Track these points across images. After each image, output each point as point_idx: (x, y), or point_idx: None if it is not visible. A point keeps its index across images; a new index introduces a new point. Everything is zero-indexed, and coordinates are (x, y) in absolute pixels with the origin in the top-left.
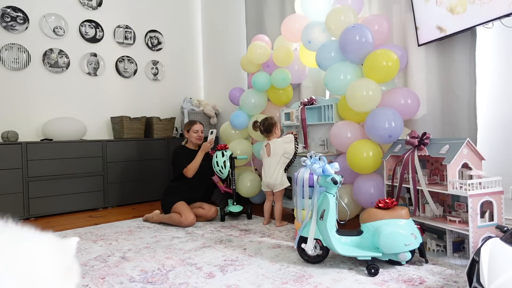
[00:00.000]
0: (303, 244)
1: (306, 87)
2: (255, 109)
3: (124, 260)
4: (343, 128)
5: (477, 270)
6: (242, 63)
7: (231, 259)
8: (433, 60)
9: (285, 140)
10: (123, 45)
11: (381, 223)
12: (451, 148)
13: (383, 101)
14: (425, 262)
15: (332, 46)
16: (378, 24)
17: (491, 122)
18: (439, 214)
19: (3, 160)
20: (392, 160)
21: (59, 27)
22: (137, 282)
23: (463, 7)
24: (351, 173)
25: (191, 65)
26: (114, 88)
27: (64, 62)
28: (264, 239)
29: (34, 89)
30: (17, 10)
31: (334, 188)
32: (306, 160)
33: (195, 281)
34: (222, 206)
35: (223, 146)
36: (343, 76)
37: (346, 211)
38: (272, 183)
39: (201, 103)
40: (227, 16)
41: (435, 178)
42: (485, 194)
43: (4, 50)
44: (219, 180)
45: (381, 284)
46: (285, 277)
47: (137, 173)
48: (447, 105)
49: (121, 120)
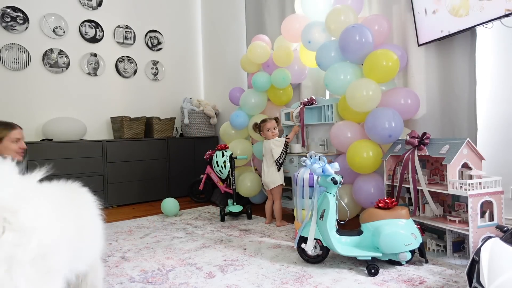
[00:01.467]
0: (303, 244)
1: (306, 87)
2: (255, 109)
3: (124, 260)
4: (343, 128)
5: (477, 270)
6: (242, 63)
7: (231, 259)
8: (433, 60)
9: (275, 143)
10: (123, 45)
11: (381, 223)
12: (451, 148)
13: (383, 101)
14: (425, 262)
15: (332, 46)
16: (378, 24)
17: (491, 122)
18: (439, 214)
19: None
20: (392, 160)
21: (59, 27)
22: (137, 282)
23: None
24: (351, 173)
25: (191, 65)
26: (114, 88)
27: (64, 62)
28: (264, 239)
29: (34, 89)
30: (17, 10)
31: (334, 188)
32: (306, 160)
33: (195, 281)
34: (222, 206)
35: (223, 146)
36: (343, 76)
37: (346, 211)
38: (266, 181)
39: (201, 103)
40: (227, 16)
41: (435, 178)
42: (485, 194)
43: (4, 50)
44: (219, 180)
45: (381, 284)
46: (285, 277)
47: (137, 173)
48: (447, 105)
49: (121, 120)
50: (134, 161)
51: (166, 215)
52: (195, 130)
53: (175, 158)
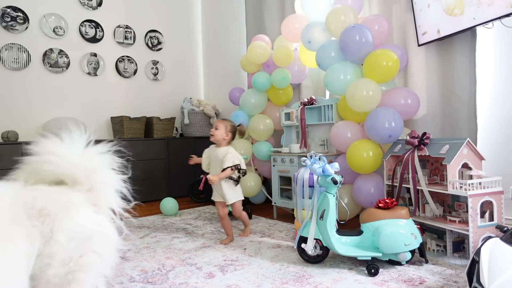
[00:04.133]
0: (303, 244)
1: (306, 87)
2: (255, 109)
3: (124, 260)
4: (343, 128)
5: (477, 270)
6: (242, 63)
7: (231, 259)
8: (433, 60)
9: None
10: (123, 45)
11: (381, 223)
12: (451, 148)
13: (383, 101)
14: (425, 262)
15: (332, 46)
16: (378, 24)
17: (491, 122)
18: (439, 214)
19: (3, 160)
20: (392, 160)
21: (59, 27)
22: (137, 282)
23: (461, 9)
24: (351, 173)
25: (191, 65)
26: (114, 88)
27: (64, 62)
28: (264, 239)
29: (34, 89)
30: (17, 10)
31: (334, 188)
32: (306, 160)
33: (195, 281)
34: None
35: None
36: (343, 76)
37: (346, 211)
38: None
39: (201, 103)
40: (227, 16)
41: (435, 178)
42: (485, 194)
43: (4, 50)
44: None
45: (381, 284)
46: (285, 277)
47: (137, 173)
48: (447, 105)
49: (121, 120)
50: (134, 161)
51: (165, 215)
52: (195, 130)
53: (175, 158)
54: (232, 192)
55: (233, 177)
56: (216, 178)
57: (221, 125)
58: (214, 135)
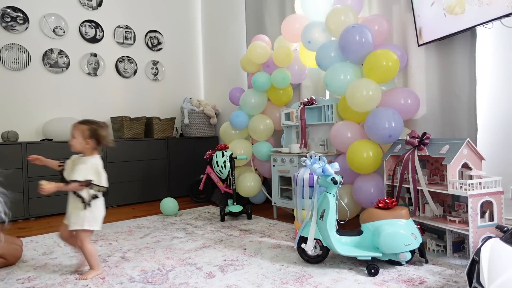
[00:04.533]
0: (303, 244)
1: (306, 87)
2: (255, 109)
3: (124, 260)
4: (343, 128)
5: (477, 270)
6: (242, 63)
7: (231, 259)
8: (433, 60)
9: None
10: (123, 45)
11: (381, 223)
12: (451, 148)
13: (383, 101)
14: (425, 262)
15: (332, 46)
16: (378, 24)
17: (491, 122)
18: (439, 214)
19: (3, 160)
20: (392, 160)
21: (59, 27)
22: (137, 282)
23: (462, 8)
24: (351, 173)
25: (191, 65)
26: (114, 88)
27: (64, 62)
28: (264, 239)
29: (34, 89)
30: (17, 10)
31: (334, 188)
32: (306, 160)
33: (195, 281)
34: (222, 206)
35: (223, 146)
36: (343, 76)
37: (346, 211)
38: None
39: (201, 103)
40: (227, 16)
41: (435, 178)
42: (485, 194)
43: (4, 50)
44: (219, 180)
45: (381, 284)
46: (285, 277)
47: (137, 173)
48: (447, 105)
49: (121, 120)
50: (134, 161)
51: (165, 215)
52: (195, 130)
53: (175, 158)
54: (76, 216)
55: (82, 196)
56: (52, 186)
57: (76, 132)
58: (72, 145)
